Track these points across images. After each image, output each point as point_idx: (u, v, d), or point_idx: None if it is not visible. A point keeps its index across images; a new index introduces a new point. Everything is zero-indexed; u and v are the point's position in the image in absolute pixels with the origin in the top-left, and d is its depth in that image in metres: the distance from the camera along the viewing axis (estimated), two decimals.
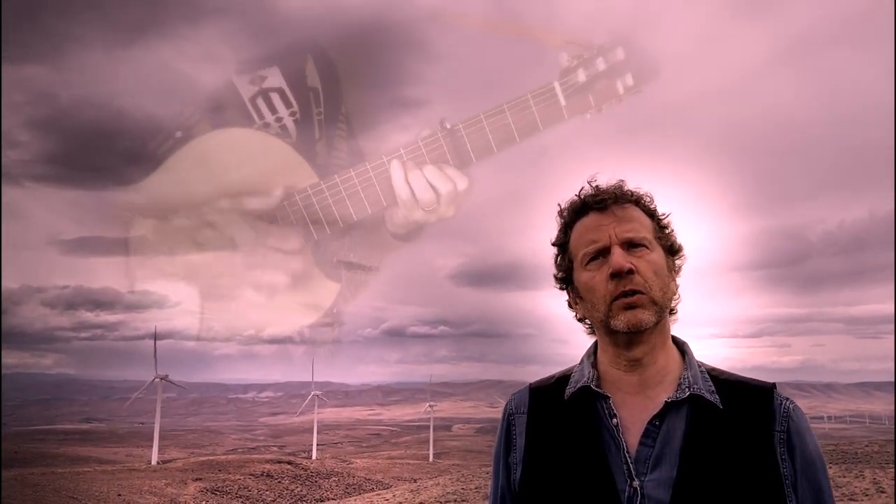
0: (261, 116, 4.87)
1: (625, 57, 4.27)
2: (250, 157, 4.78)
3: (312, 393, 66.37)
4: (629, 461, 1.19)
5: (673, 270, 1.30)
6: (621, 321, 1.21)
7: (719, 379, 1.27)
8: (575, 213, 1.33)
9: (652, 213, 1.32)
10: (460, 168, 4.36)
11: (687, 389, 1.22)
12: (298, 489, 46.03)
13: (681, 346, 1.32)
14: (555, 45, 4.38)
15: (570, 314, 1.38)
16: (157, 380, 52.93)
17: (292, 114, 4.91)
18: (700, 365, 1.29)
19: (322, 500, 39.34)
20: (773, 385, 1.25)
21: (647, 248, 1.25)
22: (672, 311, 1.30)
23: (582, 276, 1.28)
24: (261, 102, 4.90)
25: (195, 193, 4.77)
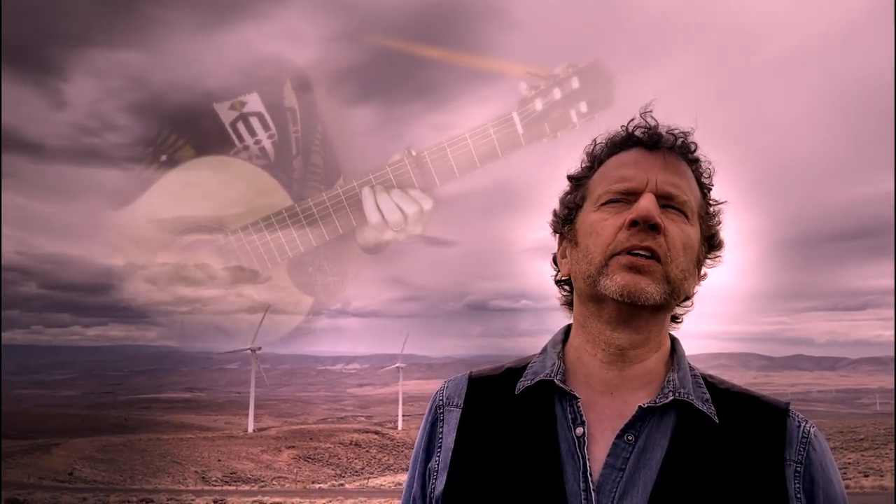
0: (241, 140, 5.22)
1: (580, 86, 4.51)
2: (230, 183, 5.22)
3: (396, 366, 67.73)
4: (590, 488, 0.88)
5: (701, 265, 1.00)
6: (615, 283, 0.90)
7: (717, 388, 0.97)
8: (614, 145, 1.01)
9: (703, 189, 1.01)
10: (425, 191, 4.71)
11: (670, 393, 0.92)
12: (385, 458, 47.29)
13: (671, 343, 1.02)
14: (514, 75, 4.66)
15: None
16: (252, 352, 55.21)
17: (270, 136, 5.24)
18: (693, 368, 0.99)
19: (408, 470, 40.25)
20: (787, 404, 0.96)
21: (687, 217, 0.95)
22: (676, 319, 1.02)
23: (589, 217, 0.96)
24: (241, 126, 5.22)
25: (183, 215, 5.29)
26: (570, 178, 1.05)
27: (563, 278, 1.04)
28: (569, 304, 1.05)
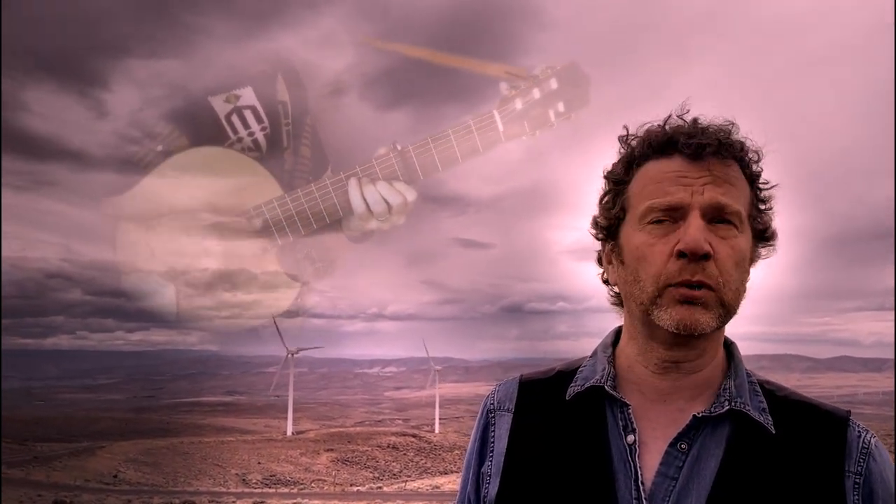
0: (234, 132, 5.37)
1: (558, 87, 4.74)
2: (222, 172, 5.41)
3: (432, 368, 67.94)
4: (642, 496, 0.87)
5: (753, 262, 0.95)
6: (671, 317, 0.87)
7: (775, 395, 0.94)
8: (654, 147, 0.94)
9: (753, 179, 0.95)
10: (409, 184, 4.92)
11: (726, 403, 0.90)
12: (423, 461, 47.34)
13: (727, 348, 0.99)
14: (495, 75, 4.85)
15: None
16: (290, 356, 55.85)
17: (263, 129, 5.42)
18: (750, 375, 0.96)
19: (446, 473, 40.25)
20: (848, 412, 0.93)
21: (737, 228, 0.89)
22: None
23: (635, 238, 0.91)
24: (235, 119, 5.39)
25: (176, 204, 5.49)
26: (606, 178, 1.00)
27: (611, 282, 1.01)
28: (619, 303, 1.01)
